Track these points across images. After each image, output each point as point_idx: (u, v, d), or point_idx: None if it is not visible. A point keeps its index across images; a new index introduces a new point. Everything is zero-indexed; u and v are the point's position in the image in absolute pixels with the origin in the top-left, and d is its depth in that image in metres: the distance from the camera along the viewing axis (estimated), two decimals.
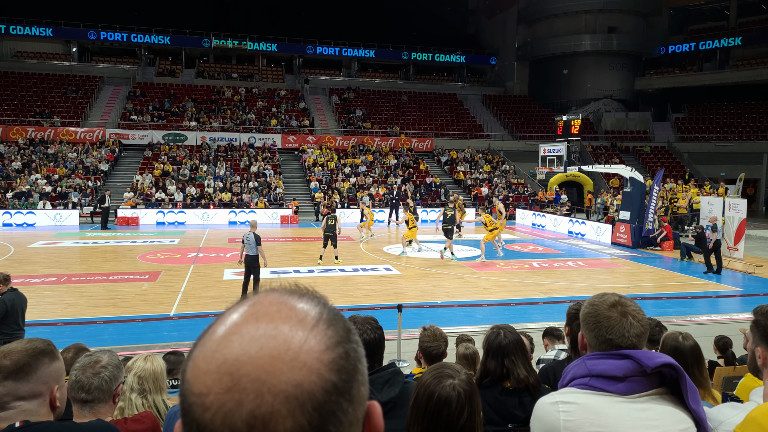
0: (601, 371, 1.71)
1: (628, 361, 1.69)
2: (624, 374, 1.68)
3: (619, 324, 1.77)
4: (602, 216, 26.77)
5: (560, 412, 1.74)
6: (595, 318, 1.81)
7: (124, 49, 45.81)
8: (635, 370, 1.67)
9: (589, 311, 1.85)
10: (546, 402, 1.80)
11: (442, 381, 2.02)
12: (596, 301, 1.86)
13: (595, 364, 1.73)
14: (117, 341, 9.08)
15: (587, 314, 1.85)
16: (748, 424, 1.71)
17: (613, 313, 1.79)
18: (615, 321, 1.77)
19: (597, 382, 1.71)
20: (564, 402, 1.74)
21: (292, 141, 36.34)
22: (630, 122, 43.49)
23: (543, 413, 1.80)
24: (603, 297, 1.86)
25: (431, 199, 31.77)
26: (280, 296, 0.69)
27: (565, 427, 1.72)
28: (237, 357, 0.62)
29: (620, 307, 1.80)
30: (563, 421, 1.72)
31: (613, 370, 1.69)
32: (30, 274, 14.44)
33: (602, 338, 1.78)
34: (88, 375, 2.29)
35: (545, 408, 1.79)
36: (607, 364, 1.72)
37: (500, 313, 11.31)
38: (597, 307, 1.83)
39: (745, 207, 18.09)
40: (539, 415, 1.83)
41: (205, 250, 18.81)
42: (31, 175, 28.48)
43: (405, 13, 49.77)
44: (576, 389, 1.76)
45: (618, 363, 1.70)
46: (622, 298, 1.84)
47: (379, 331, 2.69)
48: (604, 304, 1.82)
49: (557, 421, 1.73)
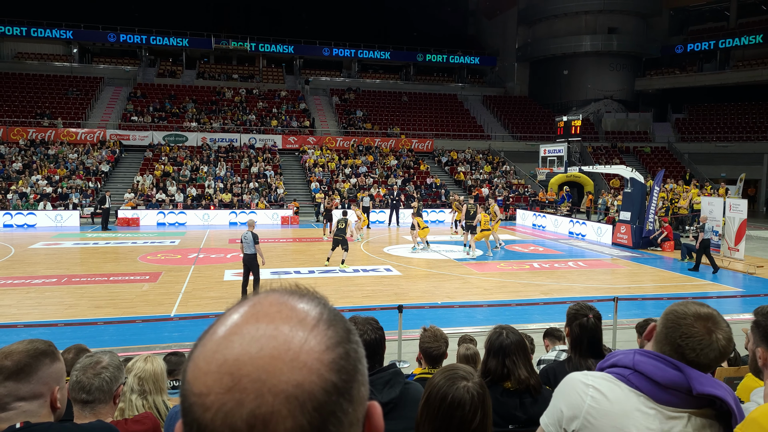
0: (645, 370, 1.64)
1: (679, 374, 1.60)
2: (667, 384, 1.61)
3: (699, 337, 1.64)
4: (603, 216, 26.76)
5: (588, 396, 1.70)
6: (678, 318, 1.70)
7: (125, 50, 45.86)
8: (681, 386, 1.59)
9: (676, 309, 1.73)
10: (580, 379, 1.75)
11: (456, 383, 2.02)
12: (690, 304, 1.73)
13: (643, 362, 1.66)
14: (118, 342, 9.08)
15: (673, 311, 1.73)
16: (749, 424, 1.70)
17: (699, 324, 1.66)
18: (696, 332, 1.65)
19: (636, 379, 1.65)
20: (596, 389, 1.70)
21: (293, 142, 36.35)
22: (630, 123, 43.49)
23: (572, 389, 1.76)
24: (699, 305, 1.73)
25: (432, 199, 31.76)
26: (280, 297, 0.69)
27: (587, 412, 1.68)
28: (237, 357, 0.62)
29: (710, 323, 1.67)
30: (588, 406, 1.69)
31: (658, 375, 1.62)
32: (31, 275, 14.44)
33: (672, 340, 1.67)
34: (89, 375, 2.29)
35: (577, 385, 1.75)
36: (655, 366, 1.64)
37: (501, 313, 11.30)
38: (687, 310, 1.70)
39: (746, 207, 18.08)
40: (568, 388, 1.78)
41: (206, 251, 18.82)
42: (31, 176, 28.49)
43: (405, 14, 49.80)
44: (614, 377, 1.70)
45: (667, 371, 1.62)
46: (717, 315, 1.70)
47: (379, 332, 2.69)
48: (695, 311, 1.69)
49: (582, 404, 1.70)
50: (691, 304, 1.73)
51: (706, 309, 1.70)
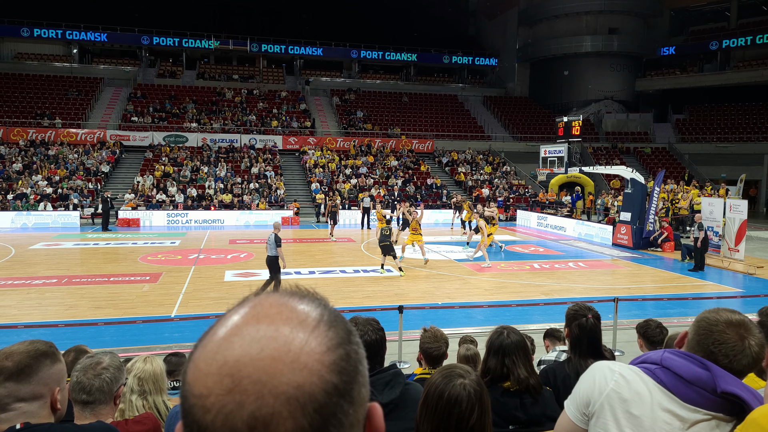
0: (671, 366, 1.67)
1: (705, 371, 1.62)
2: (692, 380, 1.62)
3: (732, 344, 1.67)
4: (603, 217, 26.76)
5: (613, 380, 1.73)
6: (710, 326, 1.72)
7: (125, 51, 45.87)
8: (706, 384, 1.60)
9: (708, 317, 1.75)
10: (606, 366, 1.80)
11: (453, 381, 2.04)
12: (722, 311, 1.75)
13: (671, 359, 1.69)
14: (118, 343, 9.08)
15: (704, 319, 1.75)
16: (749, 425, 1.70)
17: (732, 331, 1.68)
18: (729, 339, 1.68)
19: (662, 374, 1.67)
20: (622, 375, 1.73)
21: (293, 142, 36.36)
22: (631, 123, 43.49)
23: (598, 374, 1.80)
24: (732, 312, 1.75)
25: (432, 200, 31.76)
26: (280, 298, 0.69)
27: (608, 396, 1.72)
28: (238, 359, 0.62)
29: (743, 329, 1.69)
30: (610, 390, 1.72)
31: (684, 371, 1.64)
32: (31, 275, 14.44)
33: (705, 347, 1.69)
34: (89, 376, 2.29)
35: (603, 371, 1.79)
36: (682, 363, 1.66)
37: (501, 314, 11.30)
38: (719, 317, 1.72)
39: (746, 208, 18.07)
40: (594, 373, 1.81)
41: (206, 252, 18.82)
42: (31, 176, 28.50)
43: (406, 14, 49.81)
44: (640, 370, 1.73)
45: (693, 368, 1.63)
46: (750, 322, 1.73)
47: (380, 333, 2.69)
48: (727, 318, 1.72)
49: (605, 387, 1.74)
50: (723, 311, 1.75)
51: (738, 316, 1.72)
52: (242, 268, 15.90)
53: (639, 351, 4.36)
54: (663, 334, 4.13)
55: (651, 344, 4.22)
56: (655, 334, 4.13)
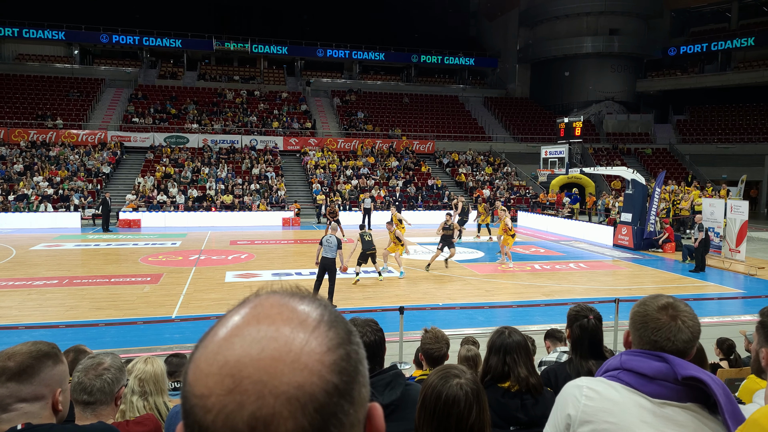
0: (632, 367, 1.72)
1: (663, 364, 1.68)
2: (654, 375, 1.67)
3: (666, 327, 1.74)
4: (604, 218, 26.75)
5: (583, 396, 1.77)
6: (643, 318, 1.80)
7: (126, 52, 45.91)
8: (667, 375, 1.66)
9: (638, 310, 1.83)
10: (573, 384, 1.84)
11: (449, 381, 2.04)
12: (648, 300, 1.84)
13: (629, 360, 1.74)
14: (119, 344, 9.08)
15: (636, 313, 1.83)
16: (750, 426, 1.70)
17: (662, 315, 1.77)
18: (663, 323, 1.75)
19: (626, 377, 1.72)
20: (590, 388, 1.77)
21: (294, 143, 36.38)
22: (631, 124, 43.49)
23: (567, 394, 1.84)
24: (655, 298, 1.83)
25: (433, 201, 31.77)
26: (281, 298, 0.69)
27: (584, 411, 1.76)
28: (238, 359, 0.62)
29: (671, 310, 1.77)
30: (583, 405, 1.76)
31: (645, 369, 1.69)
32: (32, 276, 14.45)
33: (647, 338, 1.76)
34: (91, 377, 2.29)
35: (570, 390, 1.83)
36: (641, 361, 1.71)
37: (502, 315, 11.30)
38: (647, 306, 1.81)
39: (747, 209, 18.04)
40: (563, 395, 1.86)
41: (207, 253, 18.82)
42: (33, 177, 28.53)
43: (407, 15, 49.82)
44: (605, 379, 1.77)
45: (652, 363, 1.69)
46: (675, 301, 1.81)
47: (379, 333, 2.69)
48: (654, 305, 1.80)
49: (578, 404, 1.77)
50: (649, 300, 1.83)
51: (664, 299, 1.81)
52: (243, 269, 15.91)
53: None
54: None
55: None
56: None
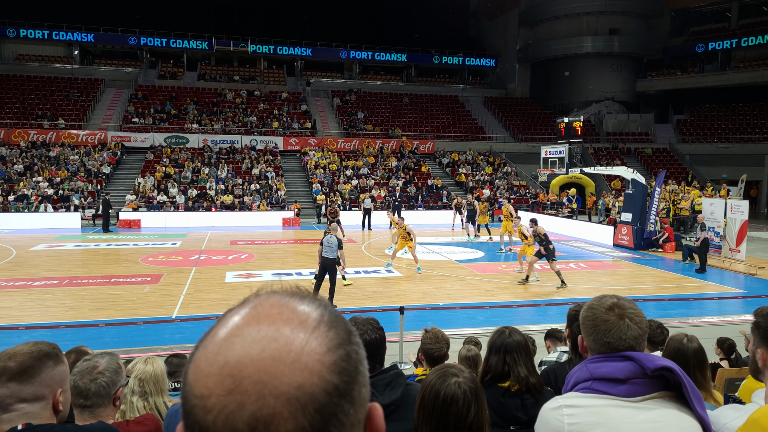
0: (603, 374, 1.72)
1: (630, 363, 1.69)
2: (626, 376, 1.68)
3: (616, 327, 1.76)
4: (604, 218, 26.75)
5: (564, 416, 1.74)
6: (593, 321, 1.81)
7: (126, 52, 45.90)
8: (637, 372, 1.68)
9: (587, 315, 1.85)
10: (550, 408, 1.80)
11: (447, 380, 2.04)
12: (594, 304, 1.85)
13: (597, 368, 1.74)
14: (119, 344, 9.08)
15: (585, 318, 1.85)
16: (750, 425, 1.71)
17: (610, 316, 1.79)
18: (612, 324, 1.77)
19: (599, 385, 1.72)
20: (567, 406, 1.74)
21: (294, 143, 36.38)
22: (631, 124, 43.48)
23: (547, 419, 1.80)
24: (601, 300, 1.85)
25: (433, 201, 31.77)
26: (281, 298, 0.69)
27: (570, 431, 1.72)
28: (239, 359, 0.62)
29: (618, 309, 1.80)
30: (567, 425, 1.72)
31: (615, 372, 1.70)
32: (32, 276, 14.45)
33: (600, 341, 1.78)
34: (86, 381, 2.28)
35: (549, 414, 1.79)
36: (608, 366, 1.72)
37: (502, 315, 11.30)
38: (595, 310, 1.83)
39: (747, 208, 18.05)
40: (544, 420, 1.82)
41: (207, 253, 18.82)
42: (33, 177, 28.53)
43: (406, 15, 49.81)
44: (579, 393, 1.76)
45: (619, 365, 1.70)
46: (620, 300, 1.83)
47: (379, 332, 2.69)
48: (601, 307, 1.82)
49: (562, 426, 1.73)
50: (594, 303, 1.86)
51: (609, 300, 1.83)
52: (243, 269, 15.90)
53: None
54: (664, 335, 4.13)
55: (652, 345, 4.22)
56: (656, 335, 4.13)
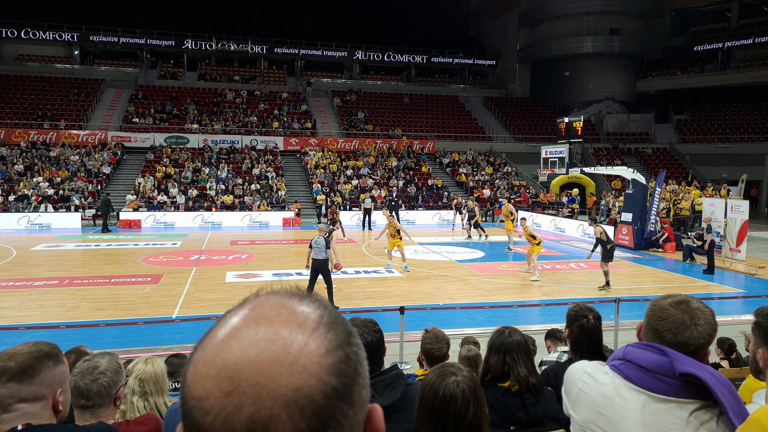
0: (633, 358, 1.72)
1: (663, 357, 1.66)
2: (653, 368, 1.66)
3: (672, 319, 1.74)
4: (604, 218, 26.74)
5: (581, 381, 1.83)
6: (653, 307, 1.80)
7: (126, 52, 45.89)
8: (666, 370, 1.65)
9: (653, 302, 1.83)
10: (576, 368, 1.90)
11: (446, 379, 2.05)
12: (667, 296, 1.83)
13: (632, 352, 1.74)
14: (119, 344, 9.08)
15: (651, 303, 1.83)
16: (751, 425, 1.70)
17: (674, 309, 1.76)
18: (670, 314, 1.75)
19: (626, 368, 1.72)
20: (589, 374, 1.81)
21: (294, 143, 36.38)
22: (632, 124, 43.47)
23: (570, 375, 1.91)
24: (676, 295, 1.82)
25: (433, 201, 31.77)
26: (280, 299, 0.69)
27: (577, 395, 1.82)
28: (237, 361, 0.62)
29: (684, 305, 1.76)
30: (578, 390, 1.82)
31: (644, 361, 1.68)
32: (32, 276, 14.46)
33: (652, 328, 1.76)
34: (87, 381, 2.28)
35: (574, 372, 1.90)
36: (641, 353, 1.71)
37: (502, 314, 11.29)
38: (664, 300, 1.81)
39: (747, 208, 18.05)
40: (567, 375, 1.94)
41: (208, 253, 18.82)
42: (33, 177, 28.53)
43: (407, 15, 49.80)
44: (606, 368, 1.79)
45: (651, 356, 1.68)
46: (693, 300, 1.79)
47: (377, 334, 2.68)
48: (671, 299, 1.79)
49: (575, 388, 1.84)
50: (670, 296, 1.83)
51: (681, 297, 1.80)
52: (243, 269, 15.91)
53: None
54: None
55: None
56: None
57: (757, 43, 40.55)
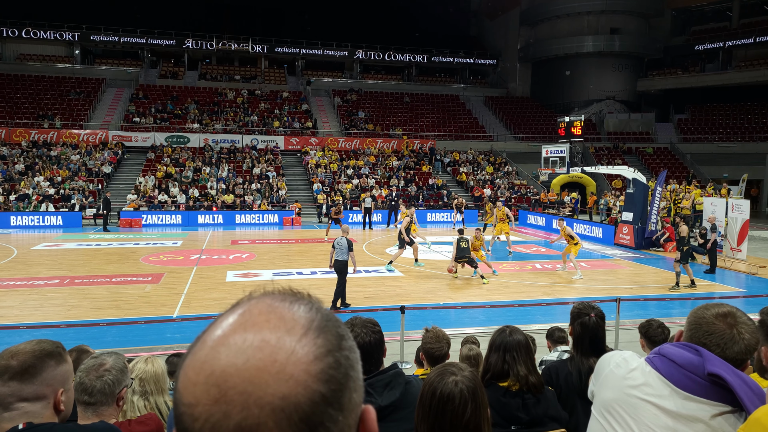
0: (667, 353, 1.75)
1: (695, 356, 1.67)
2: (683, 364, 1.68)
3: (720, 333, 1.73)
4: (605, 217, 26.72)
5: (614, 362, 1.90)
6: (698, 320, 1.79)
7: (127, 52, 45.92)
8: (697, 368, 1.65)
9: (696, 313, 1.83)
10: (614, 353, 2.00)
11: (445, 378, 2.05)
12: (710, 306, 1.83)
13: (668, 347, 1.77)
14: (120, 343, 9.09)
15: (693, 314, 1.83)
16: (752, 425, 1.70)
17: (720, 322, 1.75)
18: (717, 329, 1.74)
19: (659, 361, 1.75)
20: (625, 360, 1.88)
21: (295, 143, 36.38)
22: (632, 123, 43.46)
23: (605, 357, 2.00)
24: (719, 305, 1.82)
25: (434, 200, 31.77)
26: (271, 303, 0.69)
27: (607, 375, 1.89)
28: (224, 369, 0.62)
29: (730, 318, 1.75)
30: (609, 370, 1.90)
31: (677, 356, 1.70)
32: (33, 276, 14.46)
33: (698, 341, 1.75)
34: (91, 378, 2.29)
35: (610, 356, 1.98)
36: (677, 350, 1.73)
37: (503, 314, 11.28)
38: (707, 311, 1.80)
39: (748, 208, 18.03)
40: (602, 358, 2.03)
41: (208, 252, 18.83)
42: (34, 177, 28.55)
43: (407, 14, 49.77)
44: (641, 358, 1.85)
45: (686, 354, 1.70)
46: (738, 311, 1.78)
47: (377, 335, 2.66)
48: (714, 311, 1.79)
49: (606, 368, 1.93)
50: (712, 306, 1.82)
51: (726, 308, 1.79)
52: (244, 268, 15.91)
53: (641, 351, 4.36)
54: (665, 334, 4.13)
55: (653, 344, 4.21)
56: (656, 334, 4.13)
57: (758, 43, 40.52)
